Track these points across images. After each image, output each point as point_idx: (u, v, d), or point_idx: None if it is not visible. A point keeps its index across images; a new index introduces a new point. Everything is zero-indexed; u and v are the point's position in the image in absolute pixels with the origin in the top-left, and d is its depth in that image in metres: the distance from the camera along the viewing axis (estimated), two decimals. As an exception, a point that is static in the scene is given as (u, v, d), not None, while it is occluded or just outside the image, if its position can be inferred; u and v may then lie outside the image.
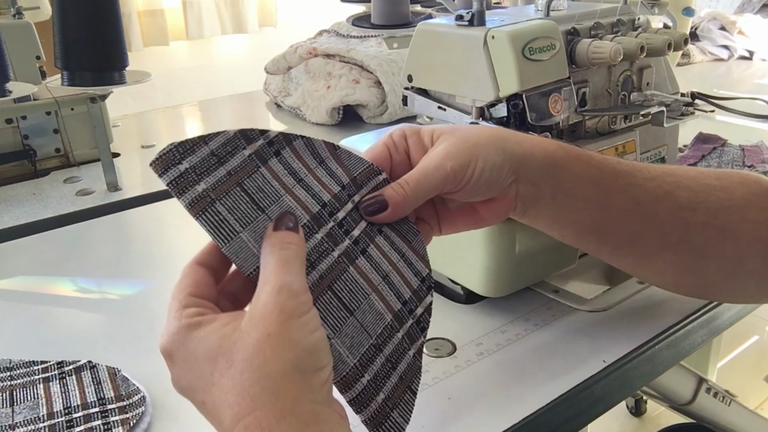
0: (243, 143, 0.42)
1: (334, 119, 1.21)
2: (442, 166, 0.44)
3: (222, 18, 2.92)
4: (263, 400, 0.32)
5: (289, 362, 0.33)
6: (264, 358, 0.33)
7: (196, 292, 0.39)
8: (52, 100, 0.98)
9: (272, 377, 0.33)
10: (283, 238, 0.38)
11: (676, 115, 0.69)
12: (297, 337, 0.34)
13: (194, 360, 0.35)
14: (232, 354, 0.34)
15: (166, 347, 0.37)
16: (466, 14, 0.62)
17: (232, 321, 0.35)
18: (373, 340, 0.41)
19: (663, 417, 1.53)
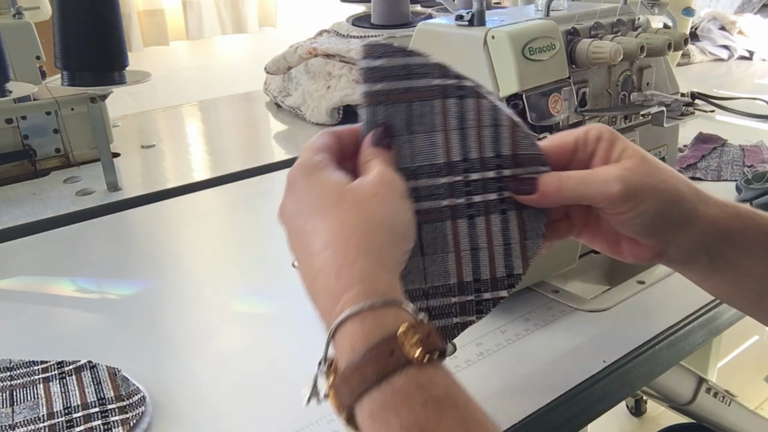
0: (437, 73, 0.45)
1: (334, 119, 1.22)
2: (608, 184, 0.43)
3: (222, 18, 2.92)
4: (356, 235, 0.36)
5: (387, 219, 0.38)
6: (368, 207, 0.38)
7: (328, 148, 0.42)
8: (52, 100, 0.98)
9: (370, 222, 0.37)
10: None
11: (676, 115, 0.69)
12: (397, 207, 0.39)
13: (310, 189, 0.40)
14: (343, 195, 0.38)
15: (293, 174, 0.41)
16: (466, 14, 0.62)
17: (347, 177, 0.40)
18: (425, 287, 0.43)
19: (663, 417, 1.52)
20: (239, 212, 0.89)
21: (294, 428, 0.49)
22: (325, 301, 0.38)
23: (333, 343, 0.36)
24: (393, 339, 0.33)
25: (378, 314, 0.34)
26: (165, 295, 0.69)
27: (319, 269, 0.37)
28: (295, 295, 0.68)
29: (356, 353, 0.34)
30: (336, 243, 0.37)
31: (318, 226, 0.38)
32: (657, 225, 0.44)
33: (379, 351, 0.33)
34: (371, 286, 0.35)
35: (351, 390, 0.34)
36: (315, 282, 0.38)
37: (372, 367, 0.33)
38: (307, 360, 0.58)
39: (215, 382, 0.55)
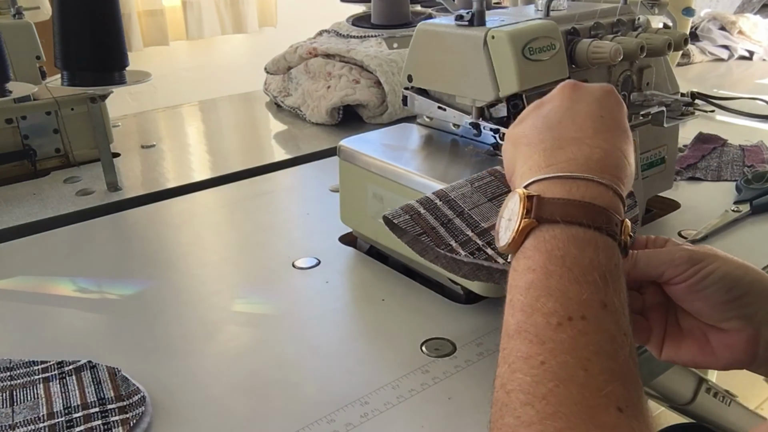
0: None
1: (334, 119, 1.21)
2: (672, 251, 0.44)
3: (222, 18, 2.92)
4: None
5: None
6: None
7: None
8: (52, 100, 0.98)
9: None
10: None
11: (676, 115, 0.69)
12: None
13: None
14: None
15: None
16: (466, 14, 0.62)
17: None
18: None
19: (663, 417, 1.52)
20: (239, 212, 0.89)
21: (294, 428, 0.50)
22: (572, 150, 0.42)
23: (553, 181, 0.40)
24: (615, 216, 0.38)
25: (611, 195, 0.39)
26: (165, 295, 0.69)
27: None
28: (295, 295, 0.68)
29: (575, 202, 0.38)
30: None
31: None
32: (728, 292, 0.43)
33: (601, 213, 0.38)
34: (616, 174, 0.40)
35: (556, 212, 0.38)
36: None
37: (589, 213, 0.38)
38: (308, 360, 0.58)
39: (215, 382, 0.55)
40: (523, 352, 0.35)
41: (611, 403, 0.33)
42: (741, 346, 0.43)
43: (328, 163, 1.05)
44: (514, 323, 0.37)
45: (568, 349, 0.34)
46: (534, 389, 0.33)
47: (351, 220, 0.75)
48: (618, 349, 0.35)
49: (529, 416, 0.32)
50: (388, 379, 0.54)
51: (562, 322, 0.35)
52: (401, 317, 0.63)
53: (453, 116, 0.67)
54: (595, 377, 0.33)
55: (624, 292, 0.38)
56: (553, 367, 0.34)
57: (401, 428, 0.49)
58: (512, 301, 0.38)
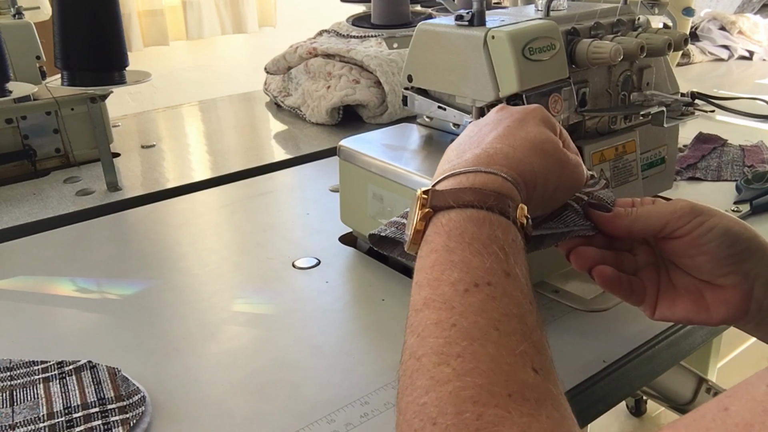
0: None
1: (334, 119, 1.21)
2: (675, 203, 0.45)
3: (222, 18, 2.92)
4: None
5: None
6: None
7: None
8: (52, 100, 0.98)
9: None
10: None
11: (676, 115, 0.69)
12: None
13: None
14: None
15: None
16: (466, 14, 0.62)
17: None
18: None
19: (663, 417, 1.52)
20: (239, 212, 0.89)
21: (294, 428, 0.50)
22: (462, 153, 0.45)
23: (450, 179, 0.42)
24: (508, 199, 0.40)
25: (501, 180, 0.41)
26: (165, 295, 0.69)
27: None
28: (295, 295, 0.68)
29: (466, 189, 0.40)
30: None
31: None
32: (730, 247, 0.44)
33: (490, 195, 0.40)
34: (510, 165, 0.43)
35: (448, 199, 0.40)
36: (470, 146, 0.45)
37: (479, 196, 0.40)
38: (308, 360, 0.58)
39: (215, 382, 0.55)
40: (432, 319, 0.35)
41: (527, 363, 0.33)
42: (735, 302, 0.44)
43: (328, 163, 1.05)
44: (420, 299, 0.37)
45: (478, 311, 0.35)
46: (447, 349, 0.33)
47: (351, 220, 0.75)
48: (526, 315, 0.36)
49: (445, 374, 0.32)
50: (388, 379, 0.54)
51: (469, 288, 0.36)
52: (401, 317, 0.63)
53: (453, 116, 0.67)
54: (508, 337, 0.34)
55: (525, 267, 0.39)
56: (465, 327, 0.34)
57: (401, 428, 0.49)
58: (418, 282, 0.39)
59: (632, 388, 0.59)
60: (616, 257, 0.49)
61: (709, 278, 0.45)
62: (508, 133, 0.45)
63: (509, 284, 0.37)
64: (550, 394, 0.32)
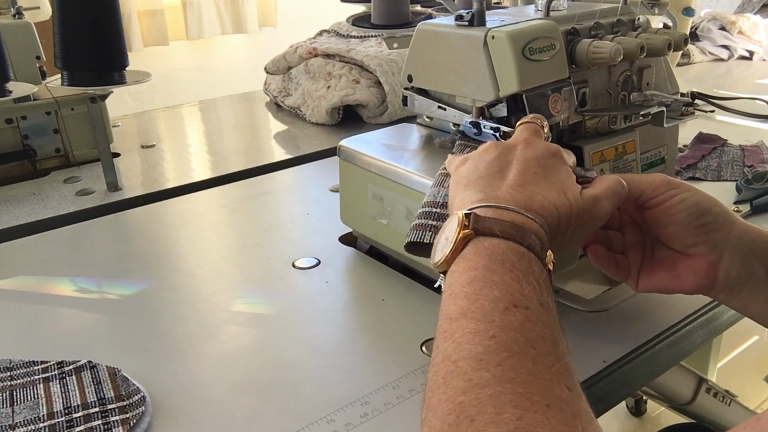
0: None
1: (334, 119, 1.21)
2: (653, 176, 0.50)
3: (222, 18, 2.92)
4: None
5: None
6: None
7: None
8: (52, 100, 0.98)
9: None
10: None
11: (676, 115, 0.69)
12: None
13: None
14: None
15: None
16: (466, 14, 0.62)
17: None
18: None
19: (663, 417, 1.52)
20: (239, 212, 0.89)
21: (294, 428, 0.50)
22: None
23: (486, 209, 0.44)
24: (542, 242, 0.43)
25: (536, 225, 0.43)
26: (165, 295, 0.69)
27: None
28: (295, 295, 0.68)
29: (508, 223, 0.42)
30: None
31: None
32: (698, 217, 0.49)
33: (530, 234, 0.42)
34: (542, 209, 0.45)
35: (494, 227, 0.42)
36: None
37: (521, 233, 0.42)
38: (308, 360, 0.58)
39: (215, 382, 0.55)
40: (470, 328, 0.36)
41: (561, 381, 0.34)
42: (703, 270, 0.49)
43: (328, 163, 1.05)
44: (456, 309, 0.38)
45: (517, 328, 0.36)
46: (487, 357, 0.34)
47: (351, 220, 0.75)
48: (558, 341, 0.37)
49: (485, 379, 0.33)
50: (388, 379, 0.54)
51: (509, 308, 0.37)
52: (401, 317, 0.63)
53: (453, 116, 0.67)
54: (544, 356, 0.35)
55: (554, 303, 0.41)
56: (504, 341, 0.35)
57: (401, 428, 0.49)
58: (453, 293, 0.39)
59: (632, 388, 0.59)
60: (606, 236, 0.54)
61: (681, 248, 0.50)
62: (535, 180, 0.47)
63: (543, 313, 0.38)
64: (585, 411, 0.34)
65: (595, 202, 0.48)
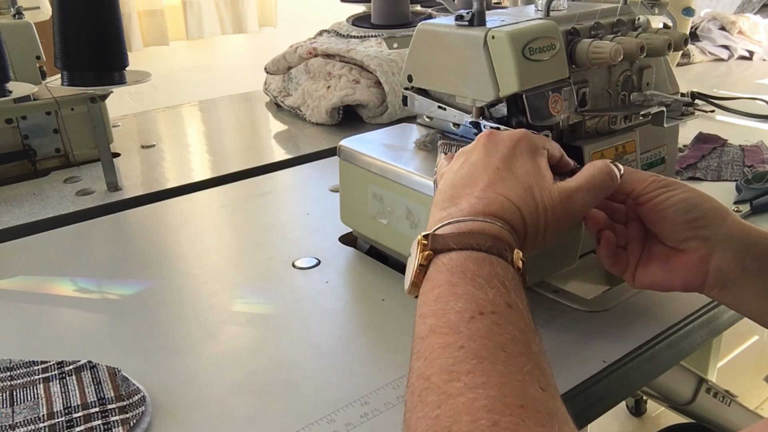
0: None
1: (334, 119, 1.21)
2: (644, 173, 0.52)
3: (222, 18, 2.92)
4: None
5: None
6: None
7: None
8: (52, 100, 0.98)
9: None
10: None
11: (676, 115, 0.69)
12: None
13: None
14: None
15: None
16: (466, 14, 0.62)
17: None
18: None
19: (663, 417, 1.52)
20: (239, 212, 0.89)
21: (294, 428, 0.50)
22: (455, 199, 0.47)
23: (448, 225, 0.44)
24: (505, 243, 0.43)
25: (497, 228, 0.44)
26: (165, 295, 0.69)
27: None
28: (295, 295, 0.68)
29: (465, 233, 0.43)
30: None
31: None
32: (686, 213, 0.49)
33: (488, 238, 0.42)
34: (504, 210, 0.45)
35: (449, 242, 0.42)
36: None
37: (478, 240, 0.42)
38: (308, 360, 0.58)
39: (215, 382, 0.55)
40: (439, 343, 0.36)
41: (534, 381, 0.34)
42: (694, 265, 0.50)
43: (328, 163, 1.05)
44: (426, 327, 0.38)
45: (485, 335, 0.36)
46: (457, 367, 0.34)
47: (351, 220, 0.75)
48: (530, 342, 0.37)
49: (457, 388, 0.33)
50: (388, 379, 0.54)
51: (474, 316, 0.37)
52: (401, 317, 0.63)
53: (453, 116, 0.67)
54: (515, 358, 0.35)
55: (525, 301, 0.41)
56: (473, 348, 0.35)
57: (401, 428, 0.49)
58: (422, 313, 0.40)
59: (632, 388, 0.59)
60: (610, 225, 0.55)
61: (673, 243, 0.51)
62: (499, 178, 0.47)
63: (512, 314, 0.38)
64: (560, 410, 0.33)
65: (568, 197, 0.47)
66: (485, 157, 0.49)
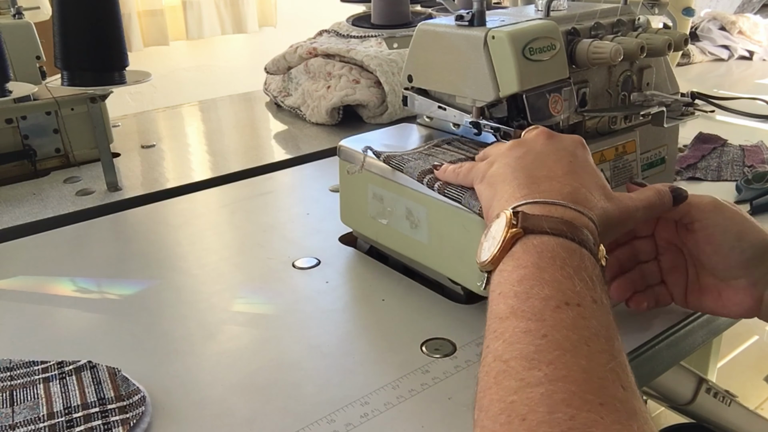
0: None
1: (334, 119, 1.21)
2: (701, 197, 0.51)
3: (222, 18, 2.92)
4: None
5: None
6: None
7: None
8: (52, 100, 0.98)
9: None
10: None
11: (676, 115, 0.69)
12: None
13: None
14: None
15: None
16: (467, 14, 0.62)
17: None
18: None
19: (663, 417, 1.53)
20: (239, 212, 0.89)
21: (294, 428, 0.50)
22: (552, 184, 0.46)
23: (536, 205, 0.43)
24: (594, 236, 0.42)
25: (587, 219, 0.43)
26: (165, 295, 0.69)
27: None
28: (295, 295, 0.68)
29: (558, 219, 0.41)
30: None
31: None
32: (742, 252, 0.48)
33: (581, 230, 0.41)
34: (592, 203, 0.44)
35: (543, 224, 0.41)
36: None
37: (572, 229, 0.41)
38: (308, 360, 0.58)
39: (215, 382, 0.55)
40: (521, 327, 0.36)
41: (616, 380, 0.33)
42: (747, 305, 0.50)
43: (328, 163, 1.05)
44: (506, 308, 0.37)
45: (570, 326, 0.35)
46: (539, 356, 0.33)
47: (351, 220, 0.75)
48: (613, 338, 0.36)
49: (536, 378, 0.32)
50: (388, 379, 0.54)
51: (560, 306, 0.36)
52: (401, 317, 0.63)
53: (453, 116, 0.67)
54: (598, 354, 0.34)
55: (608, 299, 0.40)
56: (557, 339, 0.34)
57: (401, 428, 0.49)
58: (502, 292, 0.39)
59: (632, 388, 0.59)
60: (640, 273, 0.55)
61: (723, 277, 0.51)
62: (574, 169, 0.46)
63: (597, 309, 0.37)
64: (640, 410, 0.33)
65: (634, 209, 0.47)
66: (555, 151, 0.48)
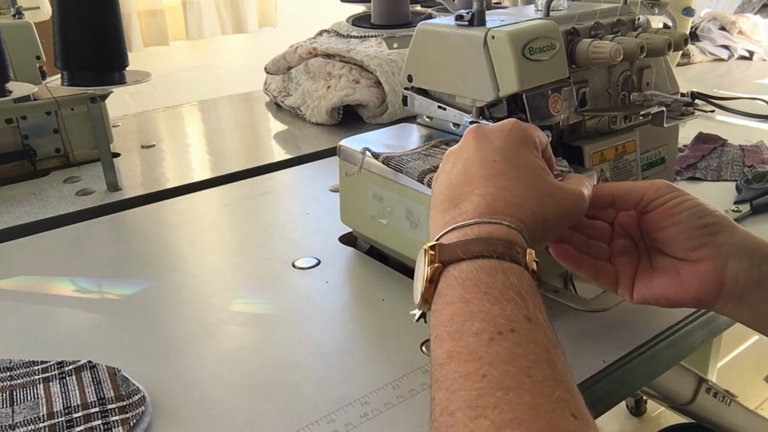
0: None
1: (334, 119, 1.21)
2: (653, 181, 0.50)
3: (222, 18, 2.92)
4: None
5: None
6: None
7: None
8: (52, 100, 0.98)
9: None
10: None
11: (676, 115, 0.69)
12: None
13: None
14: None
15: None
16: (466, 14, 0.62)
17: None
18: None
19: (663, 417, 1.52)
20: (239, 212, 0.89)
21: (294, 428, 0.50)
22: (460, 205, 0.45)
23: (453, 232, 0.42)
24: (516, 245, 0.40)
25: (506, 229, 0.42)
26: (165, 295, 0.69)
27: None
28: (295, 295, 0.68)
29: (472, 240, 0.40)
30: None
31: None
32: (700, 218, 0.47)
33: (498, 243, 0.40)
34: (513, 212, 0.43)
35: (458, 252, 0.40)
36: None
37: (487, 246, 0.40)
38: (308, 360, 0.58)
39: (215, 382, 0.55)
40: (460, 372, 0.34)
41: (565, 409, 0.32)
42: (710, 275, 0.46)
43: (328, 163, 1.05)
44: (443, 352, 0.36)
45: (507, 359, 0.34)
46: (482, 401, 0.32)
47: (351, 220, 0.75)
48: (555, 360, 0.35)
49: (484, 427, 0.31)
50: (388, 379, 0.54)
51: (493, 337, 0.35)
52: (401, 317, 0.63)
53: (453, 116, 0.67)
54: (541, 383, 0.33)
55: (544, 310, 0.39)
56: (496, 377, 0.33)
57: (401, 428, 0.49)
58: (438, 336, 0.38)
59: (632, 388, 0.59)
60: (584, 242, 0.52)
61: (683, 254, 0.48)
62: (498, 171, 0.45)
63: (533, 330, 0.36)
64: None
65: (580, 197, 0.47)
66: (478, 151, 0.47)
